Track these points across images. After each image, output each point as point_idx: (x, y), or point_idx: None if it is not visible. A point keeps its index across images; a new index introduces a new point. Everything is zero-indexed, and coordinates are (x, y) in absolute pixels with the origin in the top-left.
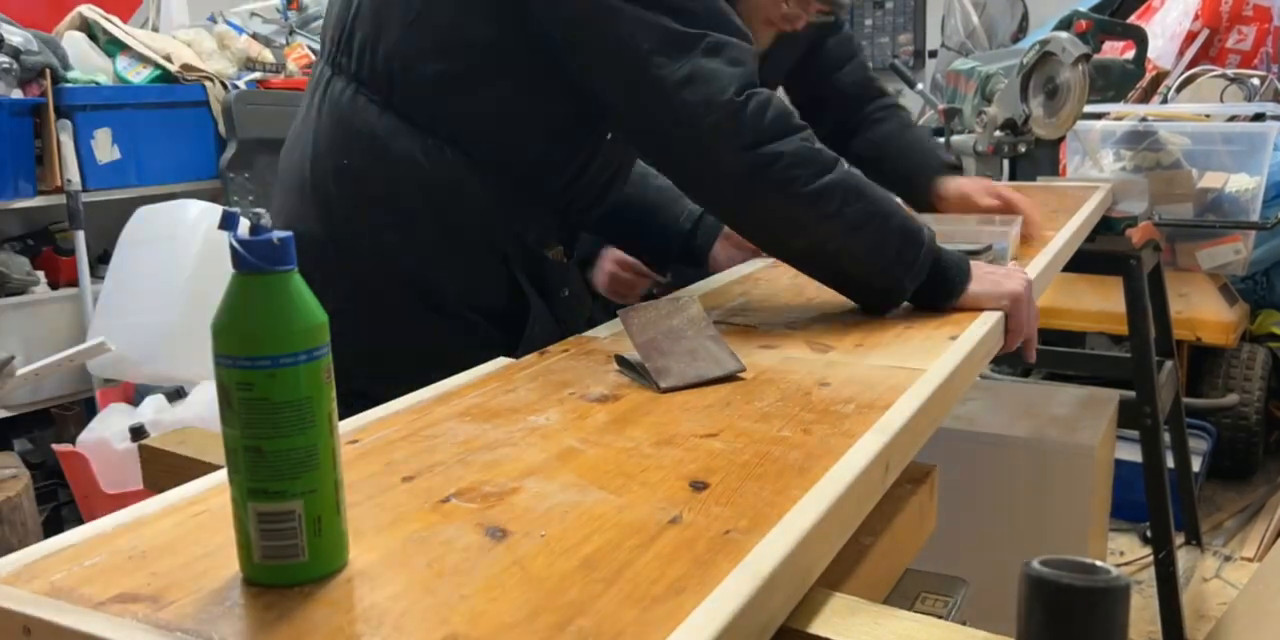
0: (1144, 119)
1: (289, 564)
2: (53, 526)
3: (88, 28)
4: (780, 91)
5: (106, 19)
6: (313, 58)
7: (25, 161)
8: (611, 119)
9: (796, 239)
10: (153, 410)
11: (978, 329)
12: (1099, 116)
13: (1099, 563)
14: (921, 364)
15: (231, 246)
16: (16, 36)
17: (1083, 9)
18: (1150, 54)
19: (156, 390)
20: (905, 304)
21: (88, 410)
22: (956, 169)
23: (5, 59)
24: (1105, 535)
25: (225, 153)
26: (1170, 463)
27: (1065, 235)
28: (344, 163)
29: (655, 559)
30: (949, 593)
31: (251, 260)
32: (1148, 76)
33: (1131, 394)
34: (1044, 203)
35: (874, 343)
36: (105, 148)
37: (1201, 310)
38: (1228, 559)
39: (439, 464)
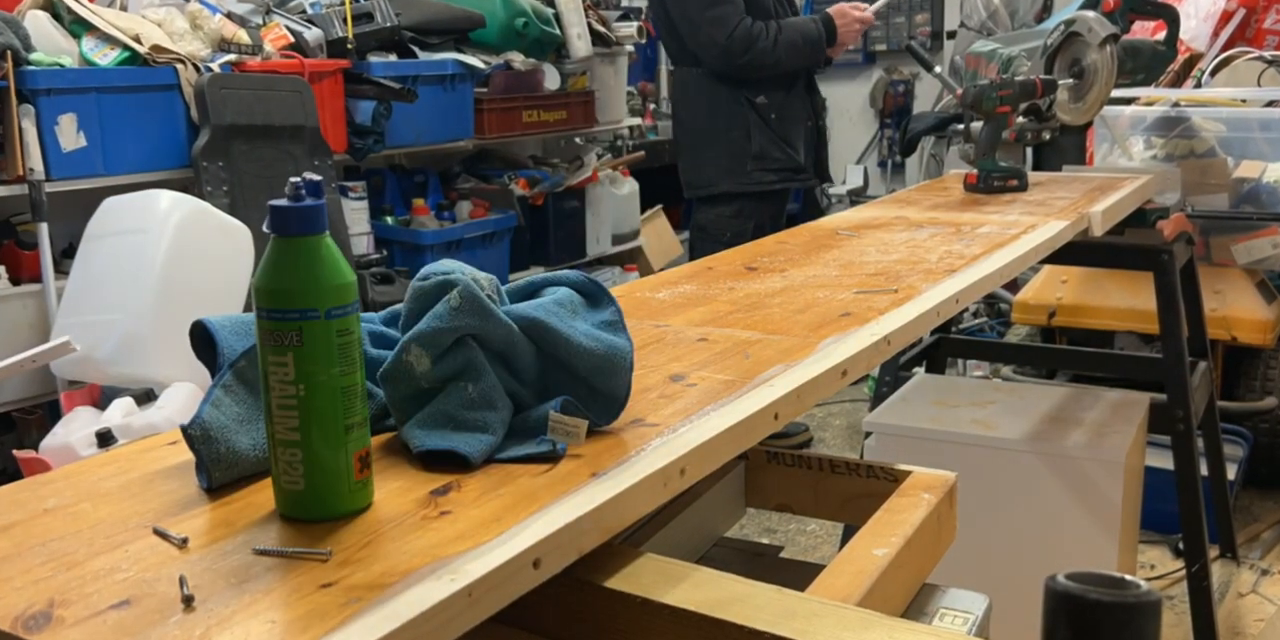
0: (1176, 104)
1: None
2: None
3: (51, 7)
4: None
5: None
6: (291, 39)
7: None
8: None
9: None
10: (120, 414)
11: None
12: (1128, 101)
13: (1128, 577)
14: None
15: None
16: None
17: None
18: (1183, 35)
19: (124, 392)
20: None
21: (51, 414)
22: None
23: None
24: (1135, 547)
25: (198, 140)
26: (1204, 470)
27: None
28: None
29: None
30: (970, 608)
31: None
32: (1180, 59)
33: (1163, 397)
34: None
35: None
36: (70, 134)
37: (1237, 308)
38: (1265, 573)
39: None
